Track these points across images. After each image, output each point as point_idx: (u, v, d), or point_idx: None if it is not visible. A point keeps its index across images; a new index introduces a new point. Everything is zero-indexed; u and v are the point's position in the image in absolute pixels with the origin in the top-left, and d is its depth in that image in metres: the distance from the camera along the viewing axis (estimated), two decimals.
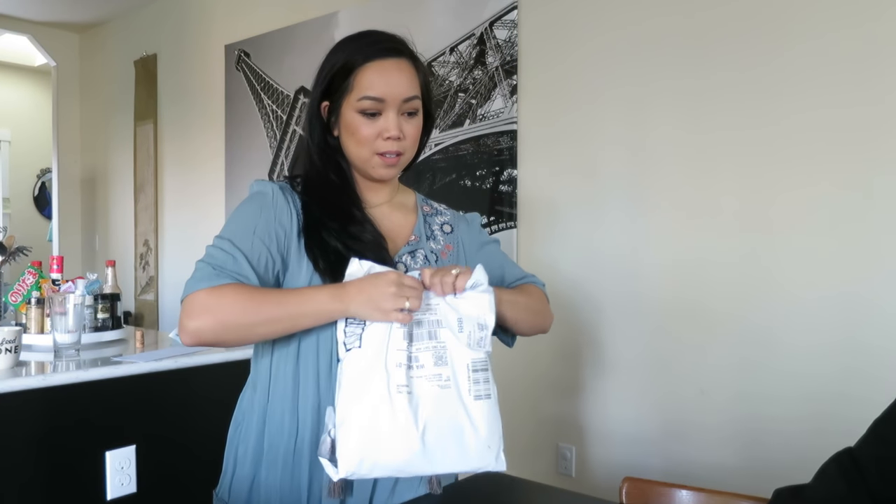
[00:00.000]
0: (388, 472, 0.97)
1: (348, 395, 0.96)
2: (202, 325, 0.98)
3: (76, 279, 2.09)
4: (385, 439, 0.95)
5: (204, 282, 0.99)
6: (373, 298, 0.96)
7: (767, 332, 2.12)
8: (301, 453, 1.07)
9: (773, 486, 2.24)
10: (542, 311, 1.23)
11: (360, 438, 0.94)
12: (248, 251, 1.03)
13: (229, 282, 0.99)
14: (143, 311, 4.59)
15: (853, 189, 1.98)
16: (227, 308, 0.97)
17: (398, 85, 1.10)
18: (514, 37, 2.71)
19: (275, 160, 3.70)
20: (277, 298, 1.00)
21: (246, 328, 0.98)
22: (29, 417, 1.61)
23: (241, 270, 1.02)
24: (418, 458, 0.96)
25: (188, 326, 0.98)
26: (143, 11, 4.66)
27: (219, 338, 0.99)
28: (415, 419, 0.95)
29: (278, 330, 1.01)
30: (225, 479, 1.15)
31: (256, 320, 0.98)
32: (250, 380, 1.16)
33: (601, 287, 2.49)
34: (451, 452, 0.97)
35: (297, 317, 0.99)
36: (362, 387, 0.96)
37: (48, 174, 5.71)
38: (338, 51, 1.14)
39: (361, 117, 1.10)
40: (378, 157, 1.11)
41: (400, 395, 0.95)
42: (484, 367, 1.01)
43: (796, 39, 2.07)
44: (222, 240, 1.05)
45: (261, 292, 1.00)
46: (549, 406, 2.63)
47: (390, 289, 0.96)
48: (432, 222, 1.23)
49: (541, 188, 2.66)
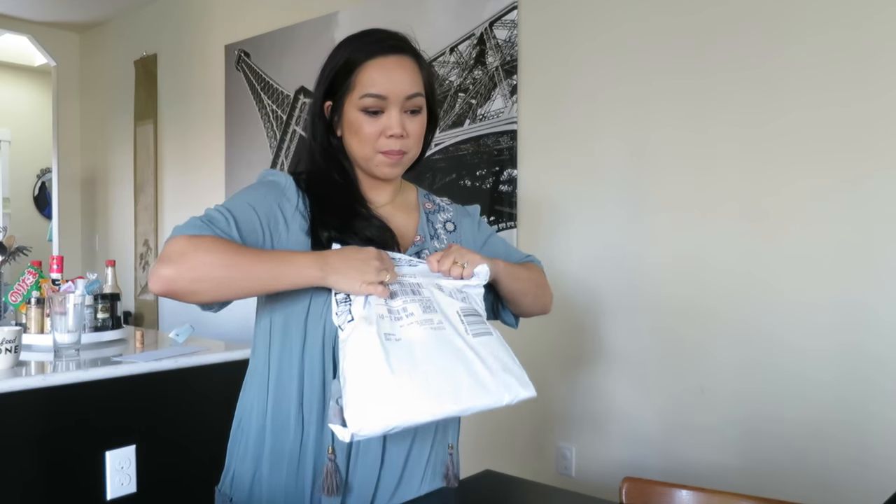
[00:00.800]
0: (399, 421, 0.91)
1: (348, 362, 0.95)
2: (175, 272, 0.94)
3: (76, 279, 2.09)
4: (386, 388, 0.91)
5: (189, 230, 0.98)
6: (357, 269, 0.97)
7: (768, 332, 2.12)
8: (306, 453, 1.07)
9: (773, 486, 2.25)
10: (544, 287, 1.25)
11: (363, 394, 0.92)
12: (241, 220, 1.03)
13: (213, 235, 0.98)
14: (143, 311, 4.59)
15: (855, 189, 1.98)
16: (204, 257, 0.94)
17: (401, 82, 1.09)
18: (514, 37, 2.71)
19: (275, 160, 3.70)
20: (257, 255, 0.98)
21: (220, 281, 0.95)
22: (29, 417, 1.61)
23: (229, 231, 1.01)
24: (426, 402, 0.92)
25: (160, 272, 0.94)
26: (143, 11, 4.66)
27: (190, 288, 0.95)
28: (412, 363, 0.93)
29: (253, 287, 0.98)
30: (227, 474, 1.15)
31: (232, 274, 0.95)
32: (249, 373, 1.15)
33: (601, 287, 2.49)
34: (464, 389, 0.94)
35: (274, 277, 0.97)
36: (358, 349, 0.95)
37: (48, 174, 5.72)
38: (340, 49, 1.13)
39: (364, 115, 1.09)
40: (381, 156, 1.11)
41: (390, 343, 0.94)
42: (474, 314, 1.02)
43: (796, 38, 2.07)
44: (221, 206, 1.06)
45: (241, 247, 0.98)
46: (549, 406, 2.63)
47: (374, 262, 0.98)
48: (435, 220, 1.22)
49: (541, 188, 2.66)
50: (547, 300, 1.27)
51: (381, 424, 0.91)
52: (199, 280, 0.95)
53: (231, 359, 1.95)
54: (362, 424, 0.91)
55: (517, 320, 1.27)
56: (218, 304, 1.02)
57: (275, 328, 1.10)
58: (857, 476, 1.95)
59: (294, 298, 1.07)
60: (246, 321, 1.69)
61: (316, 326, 1.06)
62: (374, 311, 0.97)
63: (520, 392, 0.98)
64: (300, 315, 1.07)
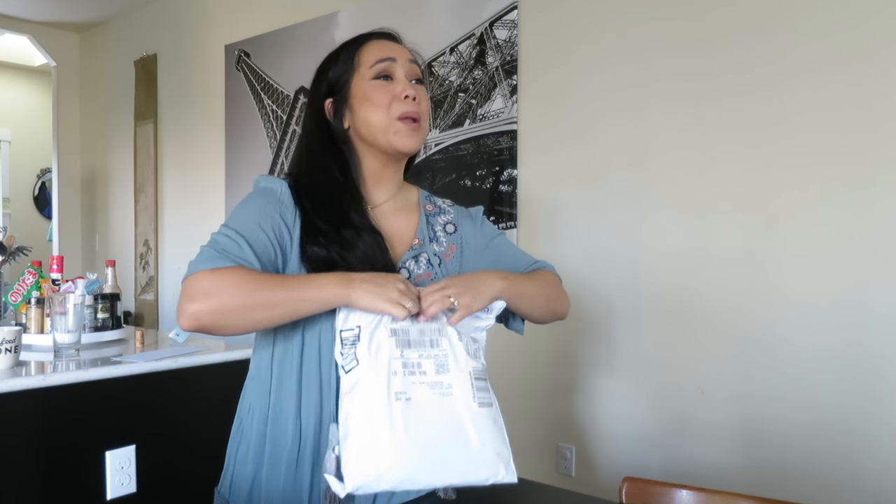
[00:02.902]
0: (393, 485, 0.93)
1: (349, 411, 0.95)
2: (202, 308, 0.93)
3: (76, 279, 2.09)
4: (386, 451, 0.92)
5: (206, 263, 0.96)
6: (381, 287, 0.96)
7: (768, 333, 2.12)
8: (303, 457, 1.07)
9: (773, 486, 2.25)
10: (556, 298, 1.20)
11: (363, 452, 0.92)
12: (253, 240, 1.02)
13: (231, 265, 0.96)
14: (143, 311, 4.59)
15: (856, 190, 1.98)
16: (228, 290, 0.94)
17: (401, 50, 1.16)
18: (514, 37, 2.71)
19: (275, 160, 3.70)
20: (280, 281, 0.98)
21: (246, 311, 0.95)
22: (29, 417, 1.61)
23: (244, 256, 1.00)
24: (422, 470, 0.93)
25: (188, 309, 0.94)
26: (143, 11, 4.66)
27: (218, 322, 0.95)
28: (416, 429, 0.93)
29: (280, 314, 0.97)
30: (226, 476, 1.15)
31: (257, 302, 0.95)
32: (250, 375, 1.15)
33: (601, 287, 2.49)
34: (457, 463, 0.95)
35: (298, 300, 0.96)
36: (361, 400, 0.94)
37: (48, 174, 5.72)
38: (333, 53, 1.17)
39: (374, 82, 1.12)
40: (399, 123, 1.11)
41: (398, 403, 0.93)
42: (483, 377, 1.00)
43: (798, 41, 2.07)
44: (227, 228, 1.03)
45: (263, 275, 0.98)
46: (549, 406, 2.63)
47: (399, 285, 0.98)
48: (435, 223, 1.21)
49: (541, 188, 2.66)
50: (561, 308, 1.22)
51: (378, 487, 0.92)
52: (229, 313, 0.94)
53: (231, 359, 1.95)
54: (360, 484, 0.92)
55: (524, 326, 1.23)
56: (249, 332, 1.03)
57: (277, 333, 1.09)
58: (857, 477, 1.95)
59: None
60: None
61: (312, 336, 1.06)
62: (387, 363, 0.95)
63: (501, 473, 0.97)
64: (297, 323, 1.06)
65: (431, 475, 0.94)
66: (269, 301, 0.95)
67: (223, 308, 0.94)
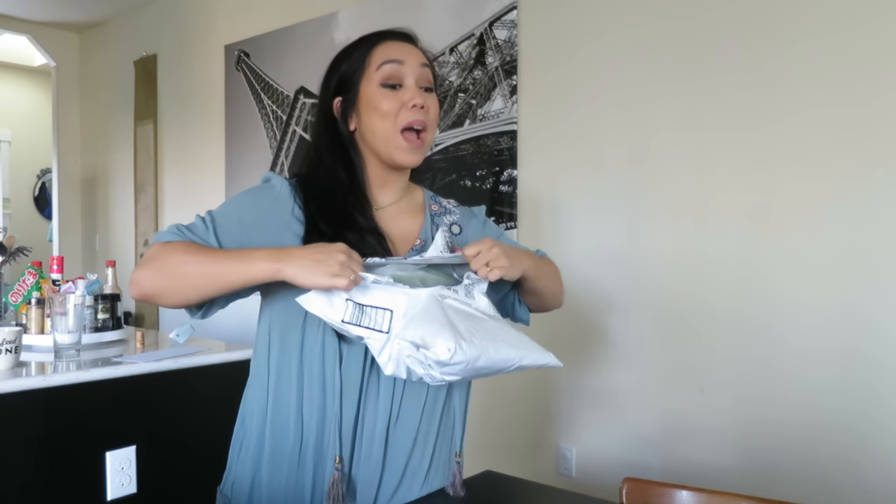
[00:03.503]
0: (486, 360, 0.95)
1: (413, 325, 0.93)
2: (143, 274, 0.99)
3: (76, 279, 2.09)
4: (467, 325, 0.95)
5: (165, 236, 1.02)
6: (319, 262, 0.93)
7: (768, 333, 2.12)
8: (305, 457, 1.07)
9: (773, 486, 2.25)
10: (560, 280, 1.26)
11: (444, 325, 0.93)
12: (222, 228, 1.04)
13: (183, 240, 1.01)
14: (144, 312, 4.59)
15: (855, 190, 1.98)
16: (169, 259, 0.98)
17: (414, 54, 1.13)
18: (514, 37, 2.71)
19: (275, 160, 3.70)
20: (216, 254, 0.99)
21: (181, 279, 0.98)
22: (29, 418, 1.61)
23: (206, 237, 1.02)
24: (497, 347, 0.96)
25: (133, 276, 1.00)
26: (143, 11, 4.66)
27: (157, 289, 0.99)
28: (469, 321, 0.97)
29: (211, 285, 0.98)
30: (228, 475, 1.15)
31: (191, 271, 0.97)
32: (251, 376, 1.15)
33: (601, 287, 2.49)
34: (516, 346, 0.99)
35: (228, 272, 0.96)
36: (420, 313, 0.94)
37: (48, 174, 5.72)
38: (345, 50, 1.16)
39: (383, 90, 1.10)
40: (402, 139, 1.10)
41: (445, 303, 0.97)
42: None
43: (795, 40, 2.07)
44: (208, 213, 1.07)
45: (204, 248, 1.00)
46: (549, 406, 2.63)
47: (340, 256, 0.93)
48: (440, 223, 1.20)
49: (541, 188, 2.66)
50: (562, 294, 1.27)
51: (478, 347, 0.93)
52: (164, 282, 0.99)
53: (231, 359, 1.95)
54: (461, 343, 0.91)
55: (529, 317, 1.26)
56: (196, 307, 1.03)
57: (273, 332, 1.10)
58: (856, 477, 1.96)
59: (291, 302, 1.05)
60: (246, 321, 1.69)
61: (314, 334, 1.05)
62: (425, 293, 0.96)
63: (555, 362, 1.03)
64: (297, 321, 1.06)
65: (505, 347, 0.97)
66: (203, 272, 0.97)
67: (162, 274, 0.98)
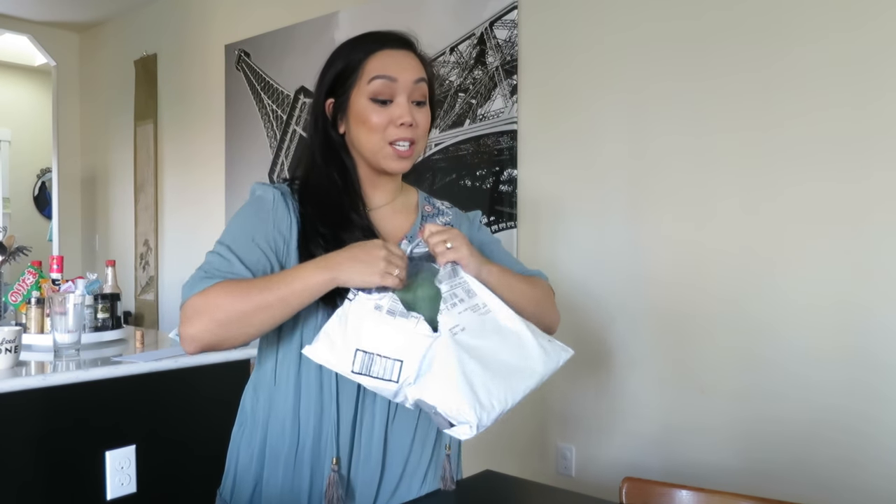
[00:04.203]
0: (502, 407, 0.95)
1: (425, 379, 0.94)
2: (198, 328, 0.95)
3: (76, 279, 2.09)
4: (478, 384, 0.94)
5: (195, 287, 0.98)
6: (365, 263, 0.95)
7: (768, 333, 2.12)
8: (302, 458, 1.07)
9: (773, 486, 2.25)
10: (544, 304, 1.18)
11: (461, 394, 0.92)
12: (244, 255, 1.02)
13: (219, 281, 0.98)
14: (143, 311, 4.59)
15: (855, 191, 1.98)
16: (218, 304, 0.95)
17: (408, 68, 1.10)
18: (515, 37, 2.71)
19: (275, 160, 3.70)
20: (264, 283, 0.98)
21: (240, 320, 0.96)
22: (29, 417, 1.61)
23: (234, 271, 1.00)
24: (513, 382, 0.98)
25: (185, 333, 0.96)
26: (143, 11, 4.66)
27: (217, 337, 0.96)
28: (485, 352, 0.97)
29: (274, 315, 0.97)
30: (227, 479, 1.15)
31: (247, 310, 0.95)
32: (251, 382, 1.15)
33: (601, 287, 2.49)
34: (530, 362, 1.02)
35: (287, 297, 0.96)
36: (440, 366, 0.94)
37: (48, 174, 5.72)
38: (342, 49, 1.13)
39: (373, 104, 1.08)
40: (390, 148, 1.09)
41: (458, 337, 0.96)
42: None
43: (796, 42, 2.07)
44: (221, 245, 1.04)
45: (247, 282, 0.98)
46: (549, 406, 2.63)
47: (381, 252, 0.96)
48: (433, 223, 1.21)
49: (541, 188, 2.66)
50: (550, 320, 1.20)
51: (494, 414, 0.94)
52: (222, 328, 0.96)
53: (231, 359, 1.95)
54: (479, 419, 0.92)
55: None
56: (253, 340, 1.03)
57: (272, 334, 1.09)
58: (857, 477, 1.95)
59: None
60: None
61: (312, 336, 1.04)
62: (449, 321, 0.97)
63: (567, 355, 1.07)
64: (295, 324, 1.06)
65: (522, 381, 1.00)
66: (260, 304, 0.96)
67: (217, 323, 0.95)
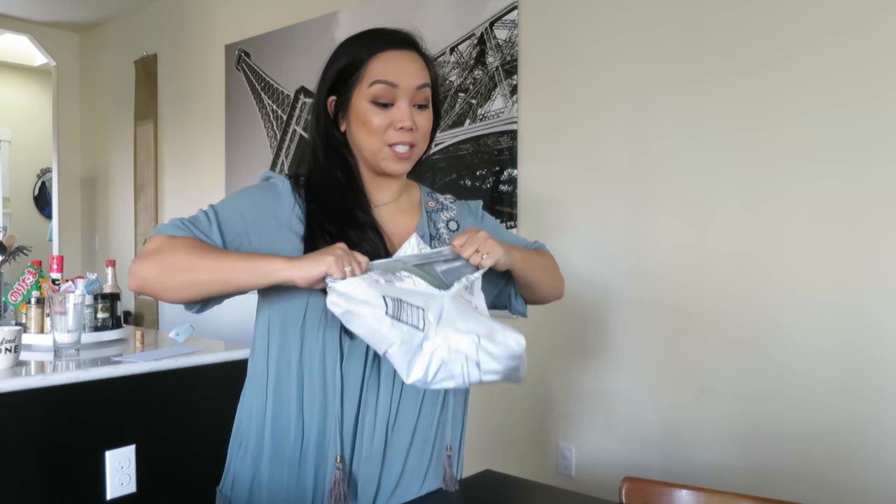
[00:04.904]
0: None
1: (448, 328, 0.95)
2: (145, 266, 0.98)
3: (76, 279, 2.09)
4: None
5: (168, 229, 1.01)
6: (317, 257, 0.94)
7: (768, 332, 2.12)
8: (306, 456, 1.07)
9: (772, 486, 2.25)
10: (557, 272, 1.26)
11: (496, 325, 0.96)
12: (226, 224, 1.04)
13: (188, 236, 1.00)
14: (143, 311, 4.59)
15: (854, 192, 1.98)
16: (174, 250, 0.97)
17: (411, 72, 1.09)
18: (515, 37, 2.71)
19: (275, 160, 3.70)
20: (222, 253, 0.99)
21: (186, 272, 0.96)
22: (29, 417, 1.61)
23: (209, 233, 1.02)
24: None
25: (134, 268, 0.98)
26: (143, 11, 4.66)
27: (158, 281, 0.98)
28: None
29: (218, 280, 0.97)
30: (227, 475, 1.15)
31: (198, 264, 0.96)
32: (249, 376, 1.15)
33: (601, 287, 2.49)
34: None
35: (239, 267, 0.96)
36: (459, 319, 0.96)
37: (48, 174, 5.71)
38: (346, 45, 1.13)
39: (373, 107, 1.08)
40: (389, 150, 1.09)
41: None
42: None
43: (797, 44, 2.07)
44: (211, 207, 1.06)
45: (211, 248, 0.99)
46: (549, 406, 2.63)
47: (336, 251, 0.95)
48: (437, 219, 1.20)
49: (541, 188, 2.66)
50: (560, 285, 1.27)
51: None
52: (166, 276, 0.98)
53: (231, 359, 1.95)
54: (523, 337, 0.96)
55: (526, 309, 1.26)
56: (194, 303, 1.02)
57: (273, 331, 1.09)
58: (857, 477, 1.95)
59: (290, 303, 1.06)
60: (246, 321, 1.69)
61: (314, 332, 1.05)
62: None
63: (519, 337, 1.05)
64: (297, 320, 1.06)
65: None
66: (210, 265, 0.97)
67: (165, 266, 0.97)
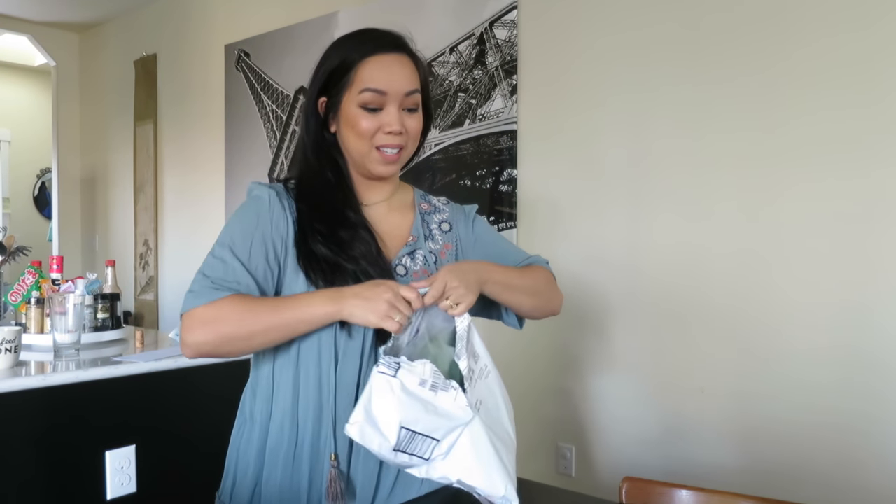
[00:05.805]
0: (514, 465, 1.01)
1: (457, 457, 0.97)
2: (201, 339, 1.00)
3: (76, 279, 2.09)
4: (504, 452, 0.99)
5: (202, 297, 1.00)
6: (370, 301, 0.97)
7: (768, 333, 2.12)
8: (301, 457, 1.07)
9: (772, 485, 2.25)
10: (546, 292, 1.20)
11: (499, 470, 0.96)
12: (247, 260, 1.04)
13: (227, 294, 1.00)
14: (143, 311, 4.59)
15: (854, 192, 1.98)
16: (225, 321, 0.99)
17: (400, 78, 1.09)
18: (514, 37, 2.71)
19: (275, 160, 3.70)
20: (273, 306, 1.00)
21: (244, 339, 1.00)
22: (29, 417, 1.61)
23: (239, 280, 1.02)
24: (511, 444, 1.03)
25: (188, 340, 1.01)
26: (143, 11, 4.66)
27: (218, 349, 1.02)
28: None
29: (276, 338, 1.02)
30: (227, 482, 1.15)
31: (254, 330, 0.99)
32: (250, 385, 1.15)
33: (601, 287, 2.49)
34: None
35: (293, 323, 1.00)
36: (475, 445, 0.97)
37: (48, 174, 5.71)
38: (336, 47, 1.13)
39: (362, 111, 1.08)
40: (377, 152, 1.10)
41: (480, 414, 0.98)
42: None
43: (796, 44, 2.07)
44: (222, 247, 1.05)
45: (257, 302, 1.00)
46: (549, 406, 2.63)
47: (387, 295, 0.97)
48: (430, 220, 1.21)
49: (541, 188, 2.66)
50: (552, 304, 1.21)
51: (515, 477, 1.00)
52: (225, 343, 1.01)
53: (231, 359, 1.95)
54: (513, 488, 0.97)
55: (522, 322, 1.22)
56: None
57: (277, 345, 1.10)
58: (857, 477, 1.95)
59: None
60: None
61: (310, 334, 1.05)
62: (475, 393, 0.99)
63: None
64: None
65: (513, 447, 1.04)
66: (265, 327, 0.99)
67: (221, 338, 1.00)
